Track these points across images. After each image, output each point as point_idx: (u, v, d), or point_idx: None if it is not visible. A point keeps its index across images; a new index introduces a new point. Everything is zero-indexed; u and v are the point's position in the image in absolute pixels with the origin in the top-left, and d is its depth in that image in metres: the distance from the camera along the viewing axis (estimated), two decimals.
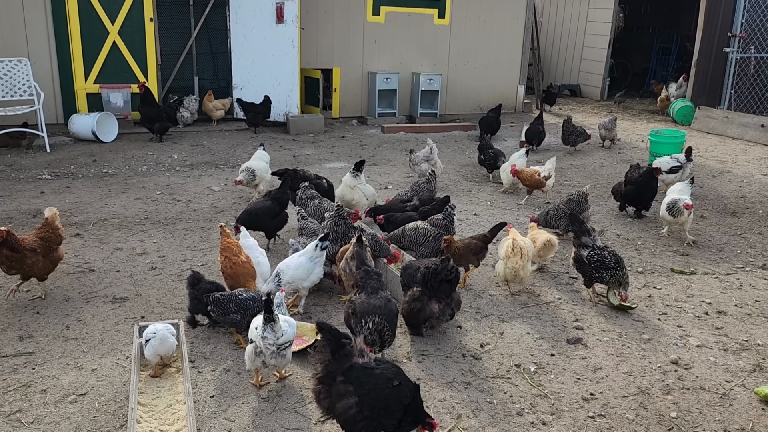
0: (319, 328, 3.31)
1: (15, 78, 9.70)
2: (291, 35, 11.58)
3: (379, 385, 3.18)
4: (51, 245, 4.95)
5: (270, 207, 6.08)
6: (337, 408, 3.20)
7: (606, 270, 5.09)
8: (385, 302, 4.13)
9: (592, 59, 17.96)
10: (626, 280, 5.10)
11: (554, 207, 6.68)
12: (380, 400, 3.15)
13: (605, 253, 5.14)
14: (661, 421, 3.77)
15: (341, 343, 3.25)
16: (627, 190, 7.51)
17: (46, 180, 8.24)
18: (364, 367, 3.23)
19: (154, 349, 3.91)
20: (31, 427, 3.51)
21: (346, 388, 3.18)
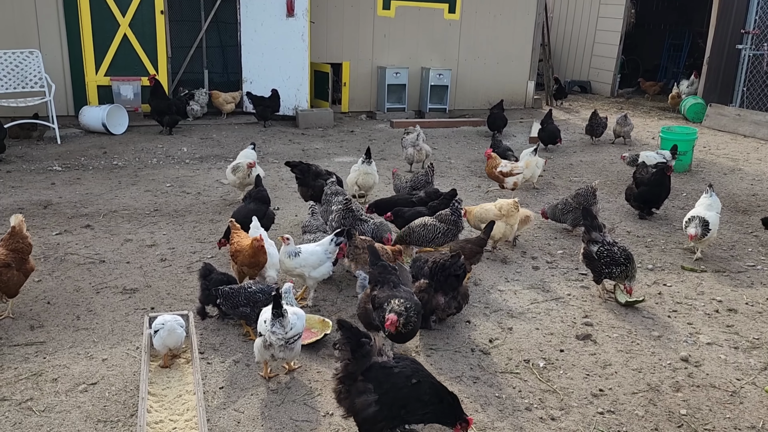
0: (339, 326, 3.30)
1: (26, 69, 9.75)
2: (301, 29, 11.57)
3: (398, 384, 3.18)
4: (23, 256, 4.56)
5: (256, 208, 5.77)
6: (357, 407, 3.21)
7: (616, 266, 5.06)
8: (410, 295, 4.11)
9: (602, 55, 17.85)
10: (633, 274, 5.09)
11: (562, 201, 6.66)
12: (399, 399, 3.16)
13: (615, 248, 5.11)
14: (671, 418, 3.76)
15: (361, 343, 3.24)
16: (641, 191, 7.27)
17: (57, 171, 8.29)
18: (383, 366, 3.23)
19: (163, 340, 3.92)
20: (42, 415, 3.54)
21: (365, 386, 3.19)
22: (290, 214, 7.05)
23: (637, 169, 7.53)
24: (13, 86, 9.64)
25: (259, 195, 6.07)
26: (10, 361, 4.03)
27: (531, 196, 8.03)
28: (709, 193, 6.29)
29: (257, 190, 6.16)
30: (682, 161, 9.58)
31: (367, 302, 4.18)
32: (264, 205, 5.97)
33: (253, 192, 6.16)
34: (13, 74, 9.63)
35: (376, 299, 4.10)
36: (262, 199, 6.01)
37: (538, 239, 6.61)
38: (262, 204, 5.96)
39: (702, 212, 6.10)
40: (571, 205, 6.54)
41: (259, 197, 6.04)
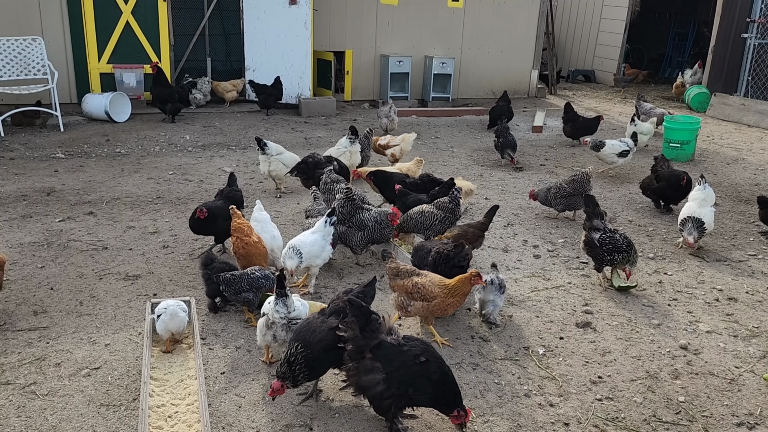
0: (348, 304, 3.36)
1: (29, 57, 9.74)
2: (304, 17, 11.53)
3: (407, 362, 3.22)
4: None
5: (222, 206, 5.37)
6: (364, 383, 3.26)
7: (618, 253, 5.08)
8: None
9: (607, 44, 17.75)
10: (635, 260, 5.12)
11: (556, 185, 6.66)
12: (408, 377, 3.21)
13: (617, 235, 5.13)
14: (669, 405, 3.78)
15: (370, 320, 3.30)
16: (661, 185, 7.06)
17: (60, 159, 8.31)
18: (392, 344, 3.28)
19: (165, 324, 3.96)
20: (46, 399, 3.58)
21: (373, 365, 3.25)
22: (293, 202, 7.07)
23: (657, 163, 7.27)
24: (16, 74, 9.64)
25: (230, 194, 5.76)
26: (14, 346, 4.06)
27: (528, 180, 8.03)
28: (702, 186, 6.12)
29: (230, 189, 5.87)
30: (685, 150, 9.56)
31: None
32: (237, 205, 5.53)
33: (226, 190, 5.85)
34: (15, 62, 9.63)
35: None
36: (233, 199, 5.63)
37: (539, 228, 6.61)
38: (235, 204, 5.48)
39: (695, 209, 5.96)
40: (565, 190, 6.56)
41: (230, 196, 5.71)
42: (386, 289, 5.08)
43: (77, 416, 3.45)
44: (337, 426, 3.48)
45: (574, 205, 6.62)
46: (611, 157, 8.39)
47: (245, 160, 8.64)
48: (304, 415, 3.55)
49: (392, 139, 8.32)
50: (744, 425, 3.62)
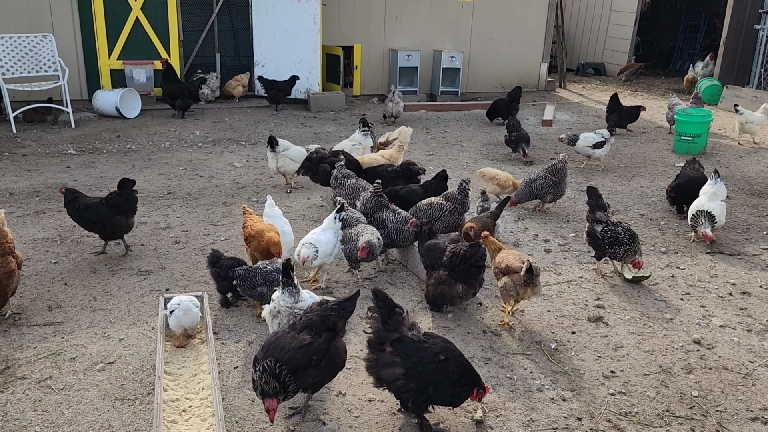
0: (374, 295, 3.36)
1: (40, 54, 9.80)
2: (313, 12, 11.51)
3: (425, 359, 3.23)
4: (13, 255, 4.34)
5: (95, 208, 5.26)
6: (383, 377, 3.28)
7: (619, 246, 5.10)
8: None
9: (617, 37, 17.62)
10: (639, 250, 5.10)
11: (541, 177, 6.59)
12: (426, 374, 3.22)
13: (619, 228, 5.15)
14: (683, 399, 3.76)
15: (393, 312, 3.30)
16: (678, 183, 6.78)
17: (72, 155, 8.36)
18: (413, 340, 3.28)
19: (178, 320, 3.98)
20: (61, 393, 3.61)
21: (393, 359, 3.25)
22: (303, 197, 7.08)
23: (687, 165, 7.07)
24: (27, 70, 9.70)
25: (116, 201, 5.34)
26: (29, 341, 4.11)
27: None
28: (714, 180, 6.07)
29: (118, 194, 5.42)
30: (697, 144, 9.49)
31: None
32: (117, 212, 5.29)
33: (113, 196, 5.41)
34: (27, 58, 9.69)
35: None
36: (116, 206, 5.32)
37: (550, 222, 6.59)
38: (114, 210, 5.28)
39: (705, 203, 5.93)
40: (551, 180, 6.57)
41: (115, 203, 5.34)
42: (396, 284, 5.09)
43: (93, 410, 3.48)
44: (350, 420, 3.49)
45: (562, 192, 6.68)
46: (586, 150, 8.41)
47: (255, 155, 8.66)
48: (317, 410, 3.56)
49: (390, 135, 8.17)
50: (758, 420, 3.60)
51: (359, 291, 3.65)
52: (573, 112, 12.76)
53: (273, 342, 3.26)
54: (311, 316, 3.34)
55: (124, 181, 5.48)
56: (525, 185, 6.66)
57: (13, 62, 9.54)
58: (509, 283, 4.36)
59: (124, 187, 5.45)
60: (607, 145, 8.40)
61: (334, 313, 3.35)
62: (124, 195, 5.39)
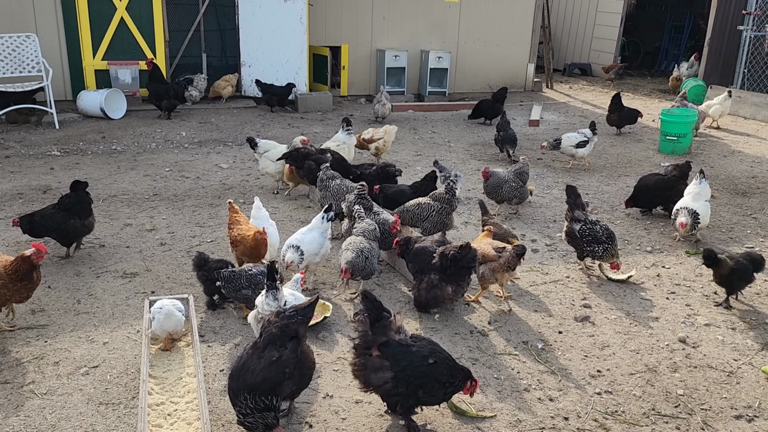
0: (363, 297, 3.34)
1: (23, 54, 9.68)
2: (299, 12, 11.48)
3: (415, 362, 3.22)
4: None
5: (51, 215, 5.22)
6: (373, 381, 3.26)
7: (598, 244, 5.15)
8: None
9: (603, 37, 17.72)
10: (616, 252, 5.16)
11: (510, 181, 6.55)
12: (416, 378, 3.21)
13: (597, 227, 5.20)
14: (668, 398, 3.79)
15: (381, 316, 3.29)
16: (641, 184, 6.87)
17: (56, 156, 8.27)
18: (401, 343, 3.27)
19: (161, 324, 3.94)
20: (44, 398, 3.57)
21: (381, 363, 3.23)
22: (290, 198, 7.05)
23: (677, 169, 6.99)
24: (10, 71, 9.58)
25: (69, 204, 5.29)
26: (12, 345, 4.05)
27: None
28: (698, 180, 6.09)
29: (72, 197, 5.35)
30: (682, 143, 9.56)
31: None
32: (70, 216, 5.21)
33: (65, 199, 5.35)
34: (9, 59, 9.57)
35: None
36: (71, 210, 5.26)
37: (537, 222, 6.61)
38: (67, 215, 5.22)
39: (689, 202, 5.97)
40: (518, 182, 6.55)
41: (68, 206, 5.27)
42: (384, 285, 5.08)
43: (76, 415, 3.44)
44: (337, 422, 3.48)
45: (525, 196, 6.67)
46: (570, 150, 8.44)
47: (242, 156, 8.62)
48: (304, 412, 3.54)
49: (375, 132, 8.28)
50: (743, 417, 3.63)
51: (318, 296, 3.55)
52: (560, 112, 12.83)
53: (241, 367, 3.13)
54: (271, 330, 3.22)
55: (76, 183, 5.40)
56: (495, 185, 6.56)
57: None
58: (486, 272, 4.64)
59: (76, 189, 5.36)
60: (590, 144, 8.44)
61: (293, 321, 3.24)
62: (76, 197, 5.30)
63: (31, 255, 4.03)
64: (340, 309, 4.69)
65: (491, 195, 6.68)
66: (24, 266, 4.03)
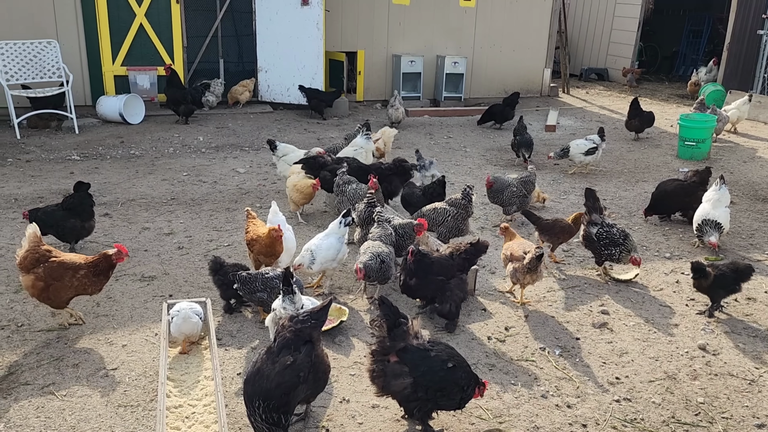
0: (380, 303, 3.34)
1: (44, 60, 9.82)
2: (316, 17, 11.53)
3: (434, 367, 3.22)
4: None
5: (51, 212, 5.36)
6: (392, 387, 3.26)
7: (615, 246, 5.15)
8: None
9: (620, 42, 17.61)
10: (634, 247, 5.18)
11: (508, 185, 6.46)
12: (435, 382, 3.20)
13: (614, 230, 5.21)
14: (688, 406, 3.74)
15: (398, 322, 3.29)
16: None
17: (76, 161, 8.37)
18: (419, 348, 3.26)
19: (178, 327, 3.98)
20: (64, 399, 3.60)
21: (401, 369, 3.23)
22: None
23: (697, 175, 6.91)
24: (32, 76, 9.73)
25: (72, 204, 5.41)
26: (33, 346, 4.10)
27: (542, 179, 7.98)
28: (718, 186, 6.00)
29: (75, 198, 5.47)
30: (701, 149, 9.47)
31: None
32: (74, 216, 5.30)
33: (68, 199, 5.49)
34: (31, 64, 9.71)
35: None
36: (73, 210, 5.37)
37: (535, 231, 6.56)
38: (71, 215, 5.31)
39: (710, 211, 5.89)
40: (521, 191, 6.46)
41: (71, 207, 5.39)
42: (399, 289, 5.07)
43: (95, 417, 3.47)
44: (354, 427, 3.47)
45: (526, 204, 6.55)
46: (579, 157, 8.38)
47: (258, 161, 8.67)
48: (320, 416, 3.55)
49: (372, 135, 8.19)
50: (765, 426, 3.57)
51: (332, 299, 3.56)
52: (576, 117, 12.76)
53: (255, 373, 3.14)
54: (285, 334, 3.22)
55: (79, 183, 5.52)
56: (497, 190, 6.47)
57: (17, 68, 9.57)
58: (513, 270, 4.76)
59: (79, 189, 5.46)
60: (599, 150, 8.38)
61: (307, 325, 3.24)
62: (79, 198, 5.39)
63: (113, 254, 4.21)
64: (356, 313, 4.69)
65: (493, 200, 6.61)
66: (104, 263, 4.21)
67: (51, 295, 4.18)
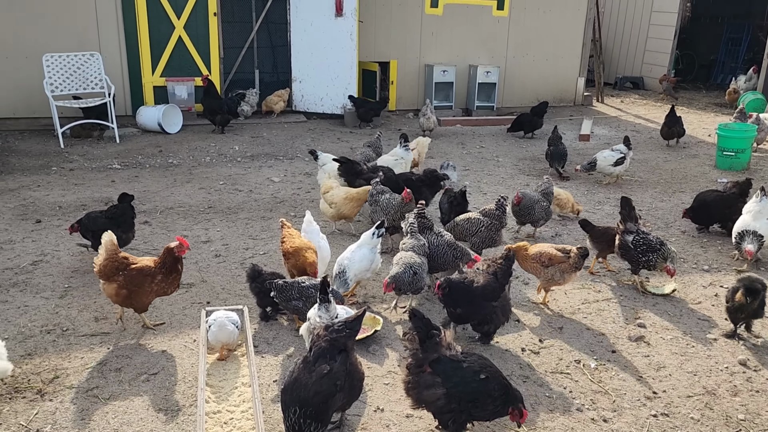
0: (411, 315, 3.38)
1: (88, 71, 10.14)
2: (350, 28, 11.67)
3: (467, 378, 3.23)
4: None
5: (95, 218, 5.48)
6: (425, 398, 3.28)
7: (652, 252, 5.10)
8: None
9: (656, 50, 17.38)
10: (671, 255, 5.10)
11: (540, 199, 6.34)
12: (468, 393, 3.22)
13: (650, 236, 5.18)
14: (728, 422, 3.67)
15: (431, 334, 3.32)
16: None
17: (116, 169, 8.61)
18: (452, 359, 3.29)
19: (215, 335, 4.06)
20: (108, 402, 3.71)
21: (433, 380, 3.26)
22: None
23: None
24: (76, 88, 10.04)
25: (113, 213, 5.50)
26: (77, 350, 4.23)
27: (576, 190, 7.92)
28: (759, 198, 5.88)
29: (118, 208, 5.58)
30: (740, 159, 9.28)
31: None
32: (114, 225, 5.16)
33: (111, 208, 5.63)
34: (75, 76, 10.03)
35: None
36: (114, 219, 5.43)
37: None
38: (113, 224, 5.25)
39: (750, 222, 5.77)
40: (545, 201, 6.37)
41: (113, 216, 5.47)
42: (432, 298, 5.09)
43: (137, 420, 3.57)
44: None
45: (550, 215, 6.46)
46: (608, 169, 8.30)
47: (292, 170, 8.79)
48: (355, 425, 3.58)
49: (415, 148, 8.37)
50: None
51: (365, 309, 3.62)
52: (611, 126, 12.62)
53: (293, 382, 3.18)
54: (320, 344, 3.28)
55: (124, 195, 5.68)
56: (527, 205, 6.31)
57: (62, 80, 9.90)
58: (556, 273, 4.81)
59: (122, 201, 5.62)
60: (627, 159, 8.31)
61: (342, 334, 3.30)
62: (122, 209, 5.54)
63: (174, 248, 4.37)
64: (390, 323, 4.73)
65: (521, 217, 6.38)
66: (170, 258, 4.37)
67: (134, 302, 4.38)
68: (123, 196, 5.67)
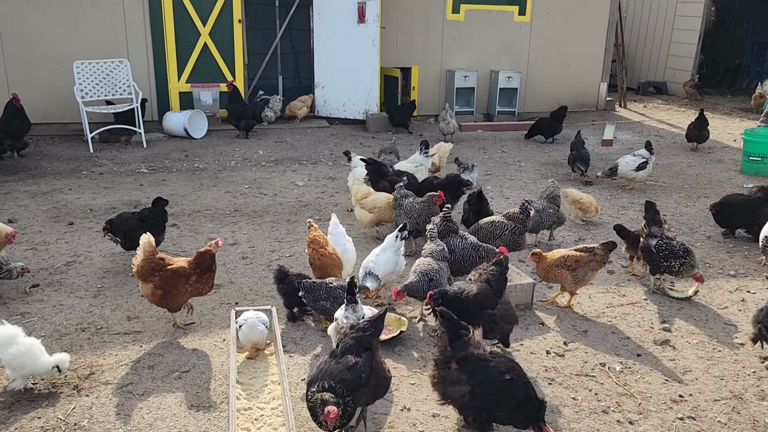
0: (440, 315, 3.44)
1: (116, 78, 10.37)
2: (372, 35, 11.78)
3: (491, 377, 3.28)
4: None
5: (128, 219, 5.62)
6: (450, 394, 3.35)
7: (675, 259, 5.11)
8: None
9: (679, 55, 17.25)
10: (695, 264, 5.14)
11: (546, 205, 6.32)
12: (491, 392, 3.27)
13: (674, 242, 5.17)
14: (756, 426, 3.67)
15: (459, 334, 3.38)
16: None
17: (144, 174, 8.78)
18: (479, 358, 3.34)
19: (246, 335, 4.16)
20: (141, 398, 3.82)
21: (459, 376, 3.32)
22: None
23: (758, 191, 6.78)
24: (104, 94, 10.28)
25: (147, 216, 5.67)
26: (111, 348, 4.35)
27: (599, 195, 7.91)
28: None
29: (153, 210, 5.76)
30: (766, 164, 9.19)
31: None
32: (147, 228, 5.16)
33: (145, 211, 5.79)
34: (104, 82, 10.27)
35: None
36: (147, 222, 5.57)
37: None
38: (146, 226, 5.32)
39: None
40: (553, 207, 6.35)
41: (146, 218, 5.64)
42: None
43: (171, 416, 3.66)
44: None
45: (563, 219, 6.45)
46: (631, 174, 8.29)
47: (316, 174, 8.90)
48: (381, 423, 3.64)
49: (435, 155, 8.47)
50: None
51: (387, 309, 3.70)
52: (634, 131, 12.57)
53: (318, 372, 3.28)
54: (347, 341, 3.38)
55: (158, 199, 5.84)
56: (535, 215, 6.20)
57: (92, 86, 10.13)
58: (586, 273, 4.91)
59: (156, 204, 5.79)
60: (650, 164, 8.29)
61: (367, 333, 3.40)
62: (155, 213, 5.72)
63: (205, 251, 4.51)
64: (415, 324, 4.78)
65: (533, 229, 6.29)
66: (206, 258, 4.50)
67: (169, 302, 4.50)
68: (157, 200, 5.82)
